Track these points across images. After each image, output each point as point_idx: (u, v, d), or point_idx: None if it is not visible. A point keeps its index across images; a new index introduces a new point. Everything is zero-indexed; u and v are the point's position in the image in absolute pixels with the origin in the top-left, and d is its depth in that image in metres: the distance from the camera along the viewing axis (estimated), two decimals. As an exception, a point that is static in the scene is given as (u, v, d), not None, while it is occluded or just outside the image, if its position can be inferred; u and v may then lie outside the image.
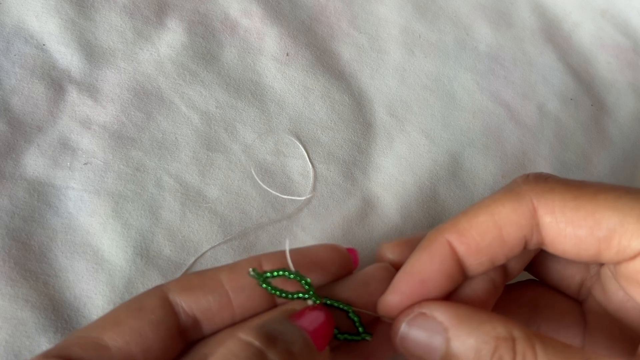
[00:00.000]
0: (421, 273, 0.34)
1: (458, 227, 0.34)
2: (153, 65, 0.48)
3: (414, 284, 0.34)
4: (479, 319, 0.31)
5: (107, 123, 0.45)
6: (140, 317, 0.33)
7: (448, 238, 0.34)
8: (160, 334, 0.33)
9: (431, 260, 0.34)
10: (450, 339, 0.31)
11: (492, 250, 0.34)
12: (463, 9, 0.59)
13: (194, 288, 0.34)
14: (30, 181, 0.42)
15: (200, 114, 0.47)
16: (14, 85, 0.44)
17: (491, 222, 0.33)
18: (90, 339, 0.32)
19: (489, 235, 0.33)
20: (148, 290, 0.35)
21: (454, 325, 0.31)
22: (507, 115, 0.55)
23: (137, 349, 0.32)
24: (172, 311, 0.34)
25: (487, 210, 0.34)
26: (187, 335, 0.35)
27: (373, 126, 0.51)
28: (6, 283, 0.39)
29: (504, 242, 0.34)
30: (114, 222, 0.42)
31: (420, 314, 0.32)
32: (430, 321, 0.32)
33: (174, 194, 0.44)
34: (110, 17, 0.48)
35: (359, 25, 0.55)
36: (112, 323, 0.32)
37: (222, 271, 0.35)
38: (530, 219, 0.33)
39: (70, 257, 0.41)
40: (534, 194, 0.33)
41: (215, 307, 0.34)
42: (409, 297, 0.33)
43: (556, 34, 0.61)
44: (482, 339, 0.30)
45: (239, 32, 0.51)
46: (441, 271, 0.34)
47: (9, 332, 0.38)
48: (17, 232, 0.40)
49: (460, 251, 0.34)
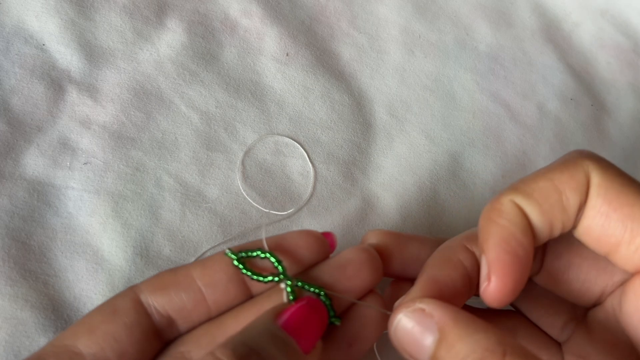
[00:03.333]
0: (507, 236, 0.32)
1: (521, 189, 0.33)
2: (153, 65, 0.48)
3: (504, 248, 0.32)
4: (475, 327, 0.30)
5: (106, 123, 0.45)
6: (113, 321, 0.32)
7: (514, 200, 0.33)
8: (135, 336, 0.32)
9: (509, 222, 0.33)
10: (440, 341, 0.30)
11: (553, 217, 0.33)
12: (463, 9, 0.59)
13: (166, 287, 0.34)
14: (30, 181, 0.42)
15: (200, 113, 0.47)
16: (14, 85, 0.44)
17: (552, 187, 0.33)
18: (64, 347, 0.31)
19: (550, 199, 0.33)
20: (121, 292, 0.34)
21: (448, 326, 0.30)
22: (507, 115, 0.55)
23: (112, 354, 0.32)
24: (145, 313, 0.33)
25: (546, 176, 0.33)
26: (163, 334, 0.34)
27: (373, 126, 0.51)
28: (6, 283, 0.39)
29: (564, 208, 0.33)
30: (114, 222, 0.42)
31: (419, 309, 0.31)
32: (427, 318, 0.31)
33: (173, 194, 0.44)
34: (110, 17, 0.48)
35: (358, 25, 0.55)
36: (86, 329, 0.32)
37: (194, 268, 0.34)
38: (585, 187, 0.33)
39: (70, 257, 0.41)
40: (589, 164, 0.33)
41: (189, 305, 0.34)
42: (511, 265, 0.32)
43: (556, 34, 0.61)
44: (470, 346, 0.29)
45: (238, 32, 0.51)
46: (525, 232, 0.33)
47: (9, 332, 0.37)
48: (17, 232, 0.40)
49: (529, 211, 0.33)
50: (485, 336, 0.29)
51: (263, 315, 0.32)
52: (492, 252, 0.32)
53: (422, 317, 0.31)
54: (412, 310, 0.31)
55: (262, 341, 0.30)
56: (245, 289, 0.35)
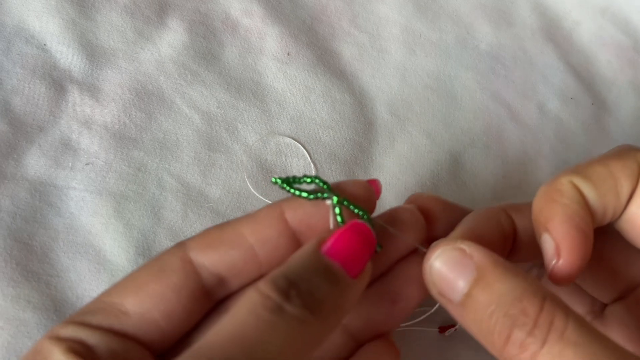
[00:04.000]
0: (573, 213, 0.33)
1: (579, 171, 0.34)
2: (154, 65, 0.48)
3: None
4: (515, 272, 0.29)
5: (108, 123, 0.45)
6: (161, 280, 0.32)
7: (573, 181, 0.33)
8: (183, 297, 0.32)
9: (572, 201, 0.33)
10: (477, 280, 0.30)
11: (607, 201, 0.33)
12: (463, 8, 0.59)
13: (217, 245, 0.33)
14: (32, 181, 0.42)
15: (201, 114, 0.47)
16: (15, 85, 0.44)
17: (607, 172, 0.33)
18: (112, 305, 0.31)
19: (606, 184, 0.33)
20: (169, 248, 0.33)
21: (488, 267, 0.30)
22: (507, 114, 0.55)
23: (158, 315, 0.31)
24: (194, 272, 0.32)
25: (602, 163, 0.34)
26: (212, 293, 0.33)
27: (374, 125, 0.51)
28: (8, 284, 0.39)
29: (617, 193, 0.33)
30: (116, 222, 0.42)
31: (460, 248, 0.31)
32: (466, 258, 0.30)
33: (175, 194, 0.44)
34: (111, 17, 0.48)
35: (359, 24, 0.55)
36: (133, 288, 0.31)
37: (243, 224, 0.33)
38: (637, 176, 0.33)
39: (72, 258, 0.41)
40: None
41: (240, 263, 0.33)
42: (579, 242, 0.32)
43: (556, 33, 0.61)
44: (509, 286, 0.29)
45: (239, 32, 0.51)
46: (587, 211, 0.33)
47: (11, 333, 0.37)
48: (19, 233, 0.40)
49: (587, 193, 0.33)
50: (525, 280, 0.29)
51: (307, 246, 0.31)
52: (560, 229, 0.32)
53: (461, 256, 0.30)
54: (452, 248, 0.31)
55: (304, 272, 0.29)
56: (296, 243, 0.34)
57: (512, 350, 0.28)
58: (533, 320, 0.28)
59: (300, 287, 0.28)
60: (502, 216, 0.36)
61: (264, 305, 0.27)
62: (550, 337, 0.27)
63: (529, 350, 0.28)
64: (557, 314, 0.28)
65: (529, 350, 0.28)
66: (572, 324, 0.28)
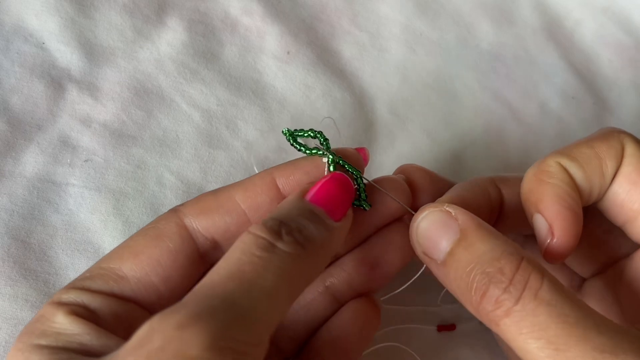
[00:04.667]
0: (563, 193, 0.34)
1: (566, 153, 0.35)
2: (153, 64, 0.47)
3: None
4: (496, 234, 0.31)
5: (107, 121, 0.45)
6: (158, 245, 0.33)
7: (560, 162, 0.35)
8: (179, 261, 0.33)
9: (561, 181, 0.34)
10: (460, 240, 0.31)
11: (593, 181, 0.35)
12: (464, 7, 0.59)
13: (210, 211, 0.34)
14: (30, 179, 0.42)
15: (201, 111, 0.47)
16: (14, 84, 0.44)
17: (593, 154, 0.35)
18: (110, 270, 0.33)
19: (592, 165, 0.35)
20: (164, 215, 0.35)
21: (470, 228, 0.31)
22: (508, 113, 0.55)
23: (156, 279, 0.33)
24: (189, 237, 0.34)
25: (587, 144, 0.35)
26: (207, 257, 0.35)
27: (374, 125, 0.51)
28: (5, 282, 0.38)
29: (603, 174, 0.35)
30: (115, 219, 0.42)
31: (445, 210, 0.32)
32: (451, 219, 0.32)
33: (175, 191, 0.44)
34: (110, 16, 0.48)
35: (359, 23, 0.55)
36: (131, 253, 0.33)
37: (236, 190, 0.35)
38: (621, 156, 0.35)
39: (71, 255, 0.40)
40: (624, 137, 0.35)
41: (233, 228, 0.35)
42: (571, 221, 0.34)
43: (558, 32, 0.61)
44: (489, 246, 0.30)
45: (239, 31, 0.51)
46: (576, 191, 0.34)
47: (9, 332, 0.37)
48: (17, 231, 0.40)
49: (574, 173, 0.35)
50: (505, 242, 0.31)
51: (290, 196, 0.33)
52: (552, 208, 0.34)
53: (447, 217, 0.32)
54: (438, 210, 0.33)
55: (291, 214, 0.31)
56: None
57: (487, 306, 0.29)
58: (509, 279, 0.29)
59: (290, 225, 0.30)
60: (490, 186, 0.37)
61: (256, 244, 0.29)
62: (525, 295, 0.29)
63: (503, 306, 0.29)
64: (533, 274, 0.29)
65: (503, 307, 0.29)
66: (546, 284, 0.29)
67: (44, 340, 0.30)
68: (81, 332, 0.30)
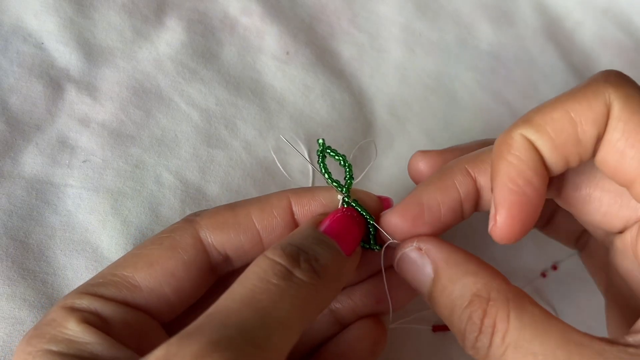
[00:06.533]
0: (515, 174, 0.32)
1: (533, 122, 0.32)
2: (152, 64, 0.47)
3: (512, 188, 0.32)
4: (466, 270, 0.32)
5: (105, 121, 0.44)
6: (173, 257, 0.34)
7: (525, 134, 0.32)
8: (192, 273, 0.34)
9: (518, 159, 0.32)
10: (435, 281, 0.32)
11: (567, 150, 0.32)
12: (464, 8, 0.59)
13: (227, 227, 0.35)
14: (29, 179, 0.42)
15: (200, 111, 0.47)
16: (12, 84, 0.44)
17: (567, 119, 0.31)
18: (124, 278, 0.33)
19: (564, 133, 0.31)
20: (180, 224, 0.35)
21: (441, 267, 0.32)
22: (508, 114, 0.55)
23: (169, 289, 0.33)
24: (203, 250, 0.35)
25: (562, 106, 0.32)
26: (217, 270, 0.36)
27: (373, 125, 0.51)
28: (3, 282, 0.38)
29: (579, 140, 0.31)
30: (113, 219, 0.42)
31: (417, 248, 0.33)
32: (422, 259, 0.33)
33: (173, 191, 0.44)
34: (109, 16, 0.48)
35: (359, 23, 0.55)
36: (145, 263, 0.33)
37: (254, 208, 0.36)
38: (604, 118, 0.31)
39: (69, 255, 0.40)
40: (611, 93, 0.31)
41: (247, 246, 0.35)
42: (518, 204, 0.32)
43: (558, 33, 0.61)
44: (460, 292, 0.31)
45: (238, 31, 0.51)
46: (534, 169, 0.32)
47: (7, 332, 0.37)
48: (15, 231, 0.40)
49: (540, 146, 0.32)
50: (474, 280, 0.31)
51: (305, 225, 0.34)
52: (499, 192, 0.32)
53: (419, 257, 0.33)
54: (410, 250, 0.34)
55: (307, 242, 0.32)
56: None
57: (469, 351, 0.31)
58: (478, 327, 0.30)
59: (308, 253, 0.31)
60: (460, 178, 0.36)
61: (273, 271, 0.29)
62: (494, 341, 0.30)
63: (479, 353, 0.30)
64: (499, 317, 0.30)
65: (480, 354, 0.30)
66: (513, 324, 0.29)
67: (55, 346, 0.30)
68: (93, 341, 0.30)
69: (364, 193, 0.38)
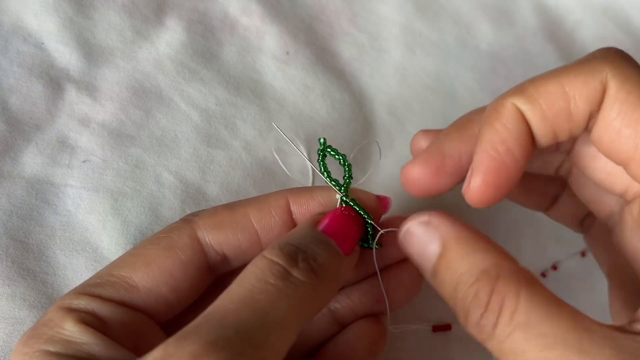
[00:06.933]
0: (497, 141, 0.32)
1: (526, 93, 0.32)
2: (152, 64, 0.47)
3: (493, 155, 0.32)
4: (476, 247, 0.31)
5: (105, 121, 0.45)
6: (170, 257, 0.34)
7: (516, 103, 0.32)
8: (190, 273, 0.34)
9: (504, 128, 0.32)
10: (441, 255, 0.31)
11: (557, 124, 0.32)
12: (464, 8, 0.59)
13: (224, 226, 0.35)
14: (29, 179, 0.42)
15: (200, 111, 0.47)
16: (12, 84, 0.44)
17: (560, 92, 0.31)
18: (121, 278, 0.33)
19: (556, 106, 0.31)
20: (177, 224, 0.35)
21: (450, 243, 0.31)
22: (508, 114, 0.55)
23: (166, 289, 0.33)
24: (201, 250, 0.35)
25: (558, 79, 0.32)
26: (215, 269, 0.36)
27: (373, 125, 0.51)
28: (3, 282, 0.38)
29: (570, 115, 0.32)
30: (113, 219, 0.42)
31: (426, 221, 0.32)
32: (433, 232, 0.32)
33: (173, 191, 0.44)
34: (109, 16, 0.48)
35: (359, 23, 0.55)
36: (142, 263, 0.33)
37: (252, 208, 0.36)
38: (600, 96, 0.31)
39: (69, 255, 0.40)
40: (608, 71, 0.31)
41: (244, 245, 0.35)
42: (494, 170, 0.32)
43: (558, 33, 0.61)
44: (467, 268, 0.30)
45: (238, 31, 0.51)
46: (518, 139, 0.32)
47: (7, 332, 0.37)
48: (15, 231, 0.40)
49: (530, 117, 0.32)
50: (483, 257, 0.30)
51: (303, 224, 0.34)
52: (479, 156, 0.32)
53: (428, 228, 0.32)
54: (419, 222, 0.32)
55: (305, 241, 0.32)
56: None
57: (471, 329, 0.30)
58: (484, 304, 0.29)
59: (307, 252, 0.31)
60: (477, 129, 0.35)
61: (271, 271, 0.29)
62: (501, 320, 0.28)
63: (483, 331, 0.29)
64: (508, 296, 0.28)
65: (484, 332, 0.29)
66: (523, 303, 0.28)
67: (52, 346, 0.30)
68: (90, 342, 0.30)
69: (363, 192, 0.38)
